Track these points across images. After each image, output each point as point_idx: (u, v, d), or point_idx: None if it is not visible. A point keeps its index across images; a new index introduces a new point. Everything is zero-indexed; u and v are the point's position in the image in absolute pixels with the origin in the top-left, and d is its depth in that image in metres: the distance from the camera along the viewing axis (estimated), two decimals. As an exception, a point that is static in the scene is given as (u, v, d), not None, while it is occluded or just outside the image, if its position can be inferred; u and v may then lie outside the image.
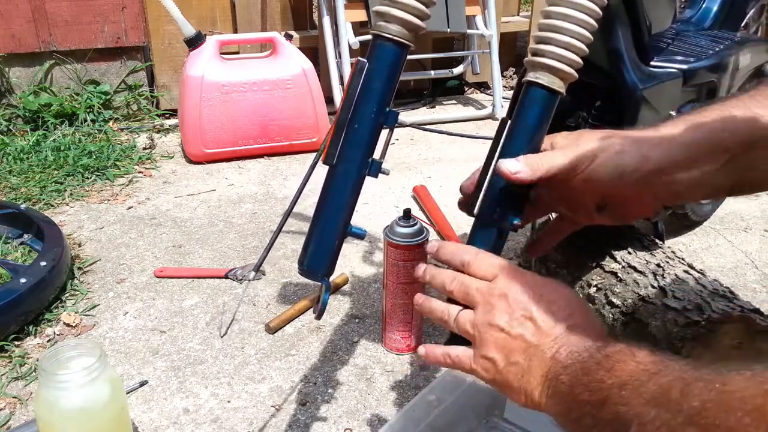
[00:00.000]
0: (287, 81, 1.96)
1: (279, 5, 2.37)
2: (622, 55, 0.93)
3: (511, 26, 2.71)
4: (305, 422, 0.98)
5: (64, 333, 1.17)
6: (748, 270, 1.40)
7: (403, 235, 1.03)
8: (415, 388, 1.05)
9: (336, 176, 0.72)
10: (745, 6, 1.41)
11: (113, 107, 2.27)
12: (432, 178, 1.84)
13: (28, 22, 2.08)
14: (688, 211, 1.42)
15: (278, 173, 1.91)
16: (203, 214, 1.64)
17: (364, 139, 0.71)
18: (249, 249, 1.47)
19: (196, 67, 1.88)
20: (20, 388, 1.04)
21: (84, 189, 1.76)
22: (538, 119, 0.69)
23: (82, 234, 1.52)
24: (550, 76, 0.68)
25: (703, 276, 1.00)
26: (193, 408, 1.01)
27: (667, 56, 1.05)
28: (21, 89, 2.15)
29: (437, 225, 1.54)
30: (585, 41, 0.67)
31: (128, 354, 1.12)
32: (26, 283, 1.15)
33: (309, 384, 1.06)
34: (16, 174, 1.79)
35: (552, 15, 0.67)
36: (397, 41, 0.69)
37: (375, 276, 1.36)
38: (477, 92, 2.73)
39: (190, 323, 1.21)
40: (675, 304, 0.91)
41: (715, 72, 1.10)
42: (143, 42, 2.24)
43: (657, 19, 1.10)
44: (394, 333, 1.11)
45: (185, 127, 1.92)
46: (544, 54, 0.68)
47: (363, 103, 0.69)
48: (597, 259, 1.05)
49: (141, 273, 1.36)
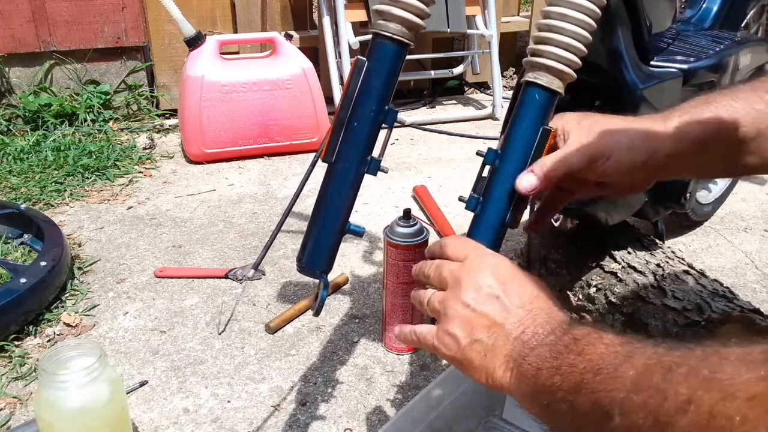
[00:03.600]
0: (287, 81, 1.96)
1: (279, 5, 2.37)
2: (622, 55, 0.93)
3: (511, 26, 2.71)
4: (305, 422, 0.98)
5: (64, 333, 1.17)
6: (748, 270, 1.40)
7: (403, 235, 1.03)
8: (415, 388, 1.05)
9: (335, 174, 0.72)
10: (745, 6, 1.41)
11: (113, 107, 2.27)
12: (432, 178, 1.84)
13: (28, 22, 2.08)
14: (688, 211, 1.42)
15: (278, 173, 1.91)
16: (203, 214, 1.64)
17: (363, 137, 0.71)
18: (249, 249, 1.47)
19: (196, 67, 1.88)
20: (20, 388, 1.04)
21: (84, 189, 1.76)
22: (537, 119, 0.69)
23: (82, 234, 1.52)
24: (549, 76, 0.68)
25: (703, 276, 1.00)
26: (193, 408, 1.01)
27: (668, 56, 1.05)
28: (21, 89, 2.16)
29: (437, 225, 1.54)
30: (584, 41, 0.67)
31: (128, 354, 1.12)
32: (26, 283, 1.15)
33: (309, 384, 1.06)
34: (16, 174, 1.79)
35: (551, 15, 0.67)
36: (397, 40, 0.69)
37: (375, 276, 1.36)
38: (477, 92, 2.73)
39: (190, 323, 1.21)
40: (675, 304, 0.92)
41: (716, 72, 1.10)
42: (143, 42, 2.24)
43: (657, 19, 1.10)
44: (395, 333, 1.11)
45: (185, 127, 1.92)
46: (542, 54, 0.68)
47: (362, 102, 0.69)
48: (597, 259, 1.05)
49: (141, 273, 1.36)
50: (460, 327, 0.58)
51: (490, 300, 0.57)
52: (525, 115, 0.69)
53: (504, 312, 0.56)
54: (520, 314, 0.56)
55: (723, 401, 0.34)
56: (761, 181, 1.82)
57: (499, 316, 0.56)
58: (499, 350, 0.55)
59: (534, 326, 0.54)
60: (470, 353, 0.57)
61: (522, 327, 0.55)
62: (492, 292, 0.58)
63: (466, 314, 0.58)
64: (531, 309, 0.56)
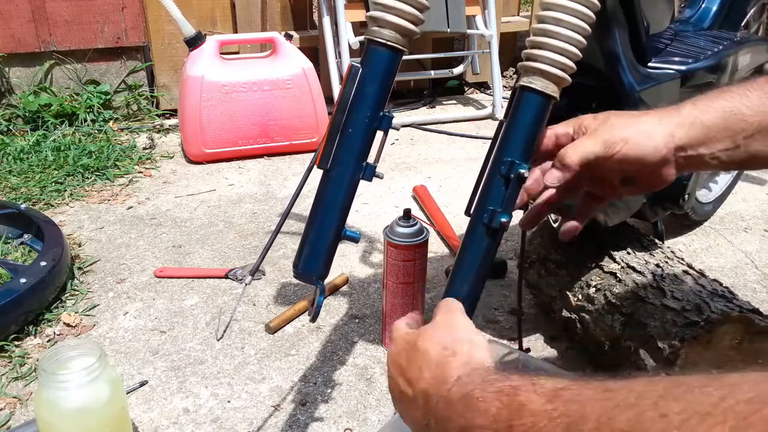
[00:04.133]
0: (287, 81, 1.96)
1: (279, 5, 2.37)
2: (619, 57, 0.93)
3: (511, 26, 2.71)
4: (305, 422, 0.98)
5: (64, 333, 1.17)
6: (748, 270, 1.40)
7: (403, 235, 1.04)
8: (415, 388, 1.05)
9: (330, 180, 0.72)
10: (745, 5, 1.41)
11: (113, 107, 2.27)
12: (432, 178, 1.84)
13: (28, 22, 2.08)
14: (688, 211, 1.42)
15: (278, 173, 1.91)
16: (203, 214, 1.64)
17: (358, 143, 0.71)
18: (249, 249, 1.47)
19: (196, 67, 1.88)
20: (20, 388, 1.04)
21: (84, 189, 1.76)
22: (533, 124, 0.69)
23: (82, 234, 1.52)
24: (544, 80, 0.68)
25: (702, 276, 1.00)
26: (193, 408, 1.01)
27: (666, 57, 1.05)
28: (21, 89, 2.16)
29: (437, 225, 1.54)
30: (578, 45, 0.67)
31: (128, 354, 1.12)
32: (26, 283, 1.15)
33: (309, 384, 1.06)
34: (16, 174, 1.80)
35: (545, 19, 0.67)
36: (391, 46, 0.69)
37: (375, 276, 1.36)
38: (477, 92, 2.73)
39: (190, 323, 1.21)
40: (674, 304, 0.92)
41: (714, 73, 1.10)
42: (143, 42, 2.25)
43: (655, 20, 1.10)
44: (394, 333, 1.11)
45: (185, 127, 1.92)
46: (537, 59, 0.68)
47: (357, 108, 0.70)
48: (596, 260, 1.05)
49: (141, 273, 1.37)
50: (391, 380, 0.62)
51: (402, 387, 0.60)
52: (520, 120, 0.69)
53: (410, 404, 0.58)
54: (419, 402, 0.56)
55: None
56: (761, 181, 1.82)
57: (404, 408, 0.59)
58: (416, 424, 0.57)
59: (433, 413, 0.53)
60: (400, 406, 0.60)
61: (425, 421, 0.55)
62: (400, 383, 0.59)
63: (391, 384, 0.62)
64: (427, 395, 0.55)
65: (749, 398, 0.30)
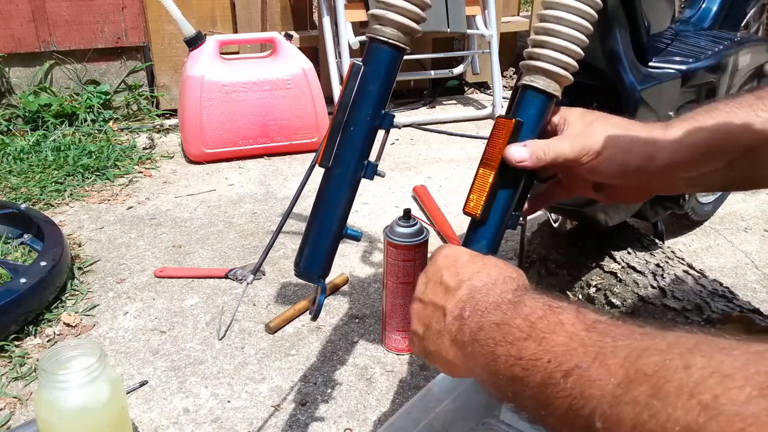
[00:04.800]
0: (287, 81, 1.96)
1: (279, 5, 2.37)
2: (620, 56, 0.93)
3: (511, 26, 2.71)
4: (305, 422, 0.98)
5: (64, 333, 1.17)
6: (748, 270, 1.40)
7: (403, 235, 1.04)
8: (415, 388, 1.05)
9: (331, 179, 0.72)
10: (745, 5, 1.41)
11: (113, 107, 2.27)
12: (432, 178, 1.84)
13: (28, 22, 2.08)
14: (688, 211, 1.42)
15: (278, 173, 1.91)
16: (203, 214, 1.64)
17: (360, 142, 0.71)
18: (249, 249, 1.47)
19: (196, 67, 1.88)
20: (20, 388, 1.04)
21: (84, 189, 1.76)
22: (534, 122, 0.69)
23: (82, 234, 1.52)
24: (546, 79, 0.68)
25: (702, 276, 1.00)
26: (193, 408, 1.01)
27: (666, 57, 1.05)
28: (21, 89, 2.16)
29: (437, 225, 1.54)
30: (580, 44, 0.67)
31: (128, 354, 1.12)
32: (26, 283, 1.15)
33: (309, 384, 1.06)
34: (16, 174, 1.80)
35: (547, 18, 0.67)
36: (393, 44, 0.69)
37: (375, 276, 1.36)
38: (477, 92, 2.73)
39: (190, 323, 1.21)
40: (674, 304, 0.92)
41: (714, 72, 1.10)
42: (143, 42, 2.25)
43: (656, 19, 1.10)
44: (394, 333, 1.11)
45: (185, 127, 1.92)
46: (539, 57, 0.68)
47: (358, 107, 0.70)
48: (596, 259, 1.05)
49: (141, 273, 1.37)
50: (418, 322, 0.59)
51: (436, 288, 0.58)
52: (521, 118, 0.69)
53: (446, 294, 0.56)
54: (460, 293, 0.55)
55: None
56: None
57: (441, 300, 0.56)
58: (445, 334, 0.55)
59: (473, 302, 0.53)
60: (427, 343, 0.57)
61: (461, 305, 0.54)
62: (436, 279, 0.58)
63: (419, 308, 0.59)
64: (473, 284, 0.55)
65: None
